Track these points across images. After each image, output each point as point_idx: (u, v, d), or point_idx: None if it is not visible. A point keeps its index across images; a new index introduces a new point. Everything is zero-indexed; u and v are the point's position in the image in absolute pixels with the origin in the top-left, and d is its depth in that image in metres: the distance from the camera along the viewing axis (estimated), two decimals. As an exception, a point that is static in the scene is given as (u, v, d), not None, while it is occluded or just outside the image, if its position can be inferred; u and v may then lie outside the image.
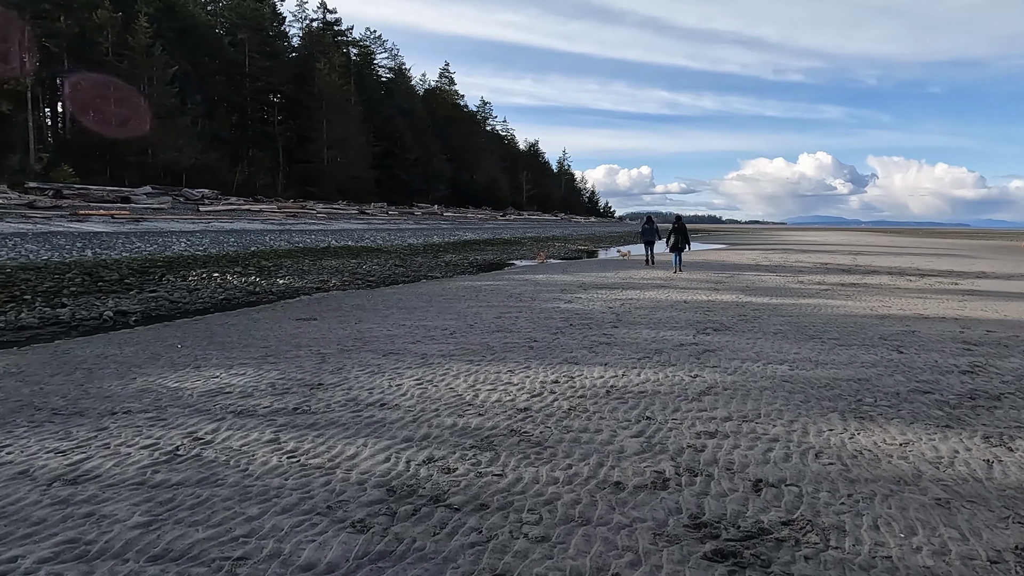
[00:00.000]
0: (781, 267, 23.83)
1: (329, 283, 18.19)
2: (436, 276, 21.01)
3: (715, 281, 17.59)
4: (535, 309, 11.74)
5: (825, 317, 11.05)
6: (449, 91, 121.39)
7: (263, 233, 33.48)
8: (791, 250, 39.61)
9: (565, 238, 54.32)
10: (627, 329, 9.59)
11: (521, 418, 5.27)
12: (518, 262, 29.60)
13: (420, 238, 40.16)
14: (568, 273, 20.26)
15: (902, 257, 32.82)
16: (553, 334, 9.14)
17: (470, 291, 14.96)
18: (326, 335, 9.06)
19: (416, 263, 25.89)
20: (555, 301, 12.92)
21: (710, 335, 9.16)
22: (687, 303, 12.78)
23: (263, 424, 5.05)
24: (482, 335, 9.04)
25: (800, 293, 14.80)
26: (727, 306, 12.39)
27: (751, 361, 7.47)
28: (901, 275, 20.52)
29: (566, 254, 36.75)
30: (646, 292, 14.70)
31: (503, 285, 16.35)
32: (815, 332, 9.49)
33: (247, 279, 17.96)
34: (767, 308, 12.13)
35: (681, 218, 22.32)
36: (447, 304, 12.50)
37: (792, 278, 18.78)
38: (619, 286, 16.04)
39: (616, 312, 11.39)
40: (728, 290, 15.34)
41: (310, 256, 25.62)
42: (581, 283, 16.75)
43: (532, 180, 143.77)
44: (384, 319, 10.59)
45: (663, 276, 19.06)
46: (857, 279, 18.74)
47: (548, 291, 14.80)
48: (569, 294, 14.18)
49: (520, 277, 18.80)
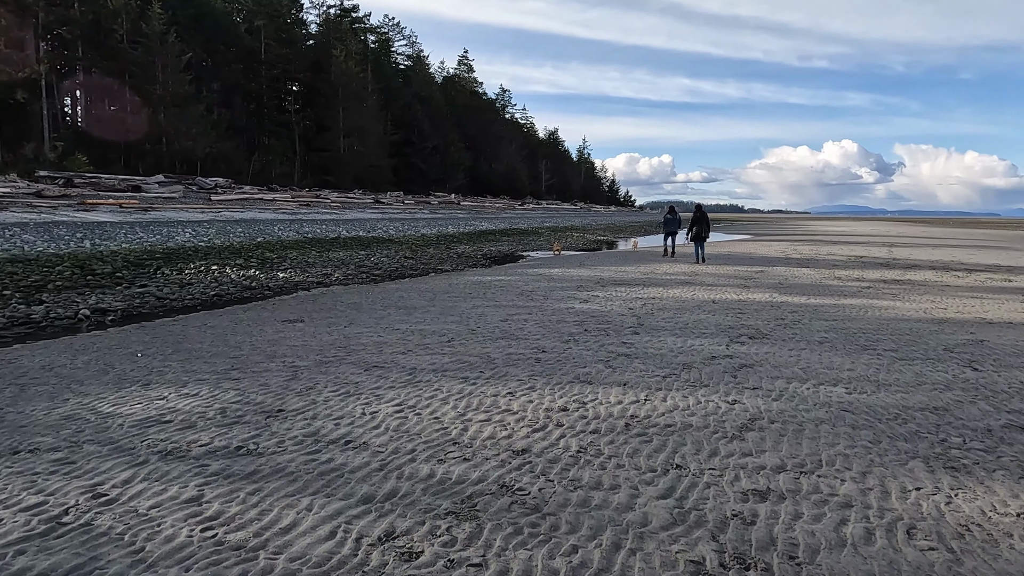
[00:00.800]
0: (814, 260, 22.40)
1: (332, 277, 17.22)
2: (446, 269, 19.95)
3: (744, 277, 16.31)
4: (546, 310, 10.60)
5: (874, 322, 9.78)
6: (468, 79, 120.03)
7: (273, 223, 32.67)
8: (820, 242, 37.94)
9: (584, 228, 52.96)
10: (649, 336, 8.43)
11: (517, 465, 4.17)
12: (534, 254, 28.44)
13: (435, 228, 39.13)
14: (585, 267, 19.08)
15: (940, 249, 31.10)
16: (565, 342, 8.01)
17: (478, 288, 13.86)
18: (308, 342, 8.03)
19: (427, 255, 24.86)
20: (569, 300, 11.77)
21: (745, 344, 7.96)
22: (716, 303, 11.56)
23: (191, 472, 4.00)
24: (484, 343, 7.93)
25: (840, 292, 13.49)
26: (761, 307, 11.15)
27: (798, 381, 6.28)
28: (946, 270, 19.03)
29: (584, 245, 35.50)
30: (670, 290, 13.49)
31: (515, 281, 15.23)
32: (867, 341, 8.25)
33: (246, 272, 17.05)
34: (806, 310, 10.87)
35: (702, 207, 21.60)
36: (451, 303, 11.42)
37: (828, 273, 17.41)
38: (640, 282, 14.84)
39: (637, 314, 10.22)
40: (760, 287, 14.07)
41: (318, 247, 24.70)
42: (599, 279, 15.57)
43: (551, 169, 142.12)
44: (378, 321, 9.53)
45: (687, 271, 17.80)
46: (899, 275, 17.32)
47: (562, 288, 13.65)
48: (585, 292, 13.02)
49: (534, 271, 17.66)
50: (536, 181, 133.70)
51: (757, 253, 26.42)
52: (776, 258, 23.48)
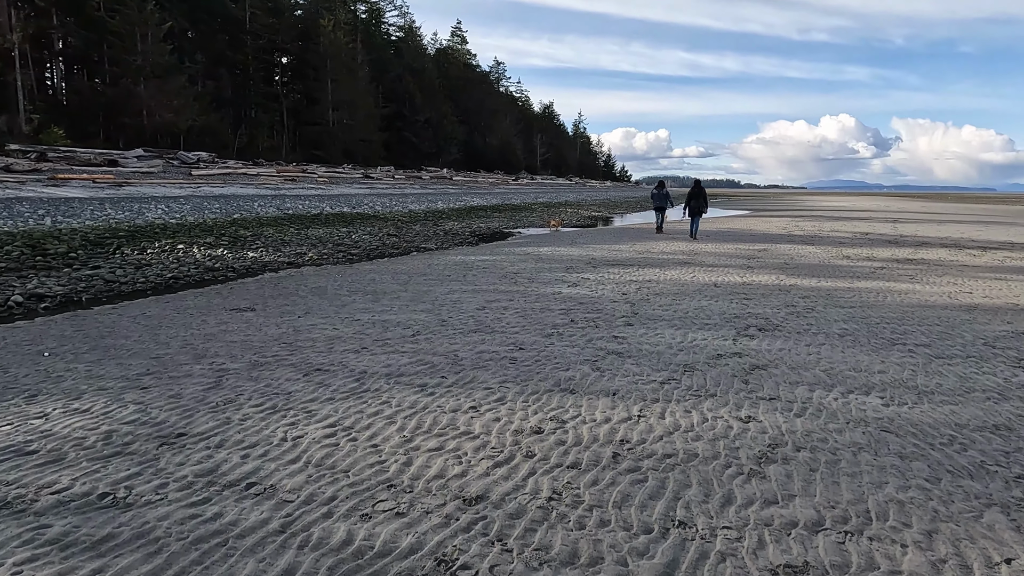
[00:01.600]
0: (817, 237, 21.32)
1: (305, 256, 16.07)
2: (429, 248, 18.81)
3: (747, 256, 15.23)
4: (530, 296, 9.52)
5: (897, 309, 8.73)
6: (461, 51, 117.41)
7: (254, 199, 31.36)
8: (821, 217, 36.82)
9: (578, 204, 51.66)
10: (644, 328, 7.36)
11: (465, 523, 3.12)
12: (525, 230, 27.28)
13: (423, 204, 37.85)
14: (577, 245, 17.96)
15: (946, 225, 30.04)
16: (547, 336, 6.94)
17: (459, 268, 12.76)
18: (250, 336, 6.94)
19: (412, 232, 23.69)
20: (557, 284, 10.68)
21: (755, 339, 6.91)
22: (718, 287, 10.49)
23: (16, 541, 2.94)
24: (453, 338, 6.86)
25: (852, 273, 12.43)
26: (768, 291, 10.09)
27: (823, 388, 5.24)
28: (958, 248, 17.99)
29: (578, 221, 34.31)
30: (667, 271, 12.41)
31: (499, 261, 14.13)
32: (894, 334, 7.20)
33: (213, 252, 15.89)
34: (819, 295, 9.81)
35: (700, 182, 20.87)
36: (426, 287, 10.32)
37: (835, 252, 16.34)
38: (635, 262, 13.75)
39: (631, 300, 9.14)
40: (764, 268, 13.00)
41: (297, 224, 23.50)
42: (590, 258, 14.47)
43: (547, 143, 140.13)
44: (339, 310, 8.44)
45: (685, 249, 16.71)
46: (910, 253, 16.27)
47: (550, 269, 12.55)
48: (575, 273, 11.92)
49: (522, 250, 16.55)
50: (531, 156, 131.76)
51: (758, 230, 25.31)
52: (778, 235, 22.39)
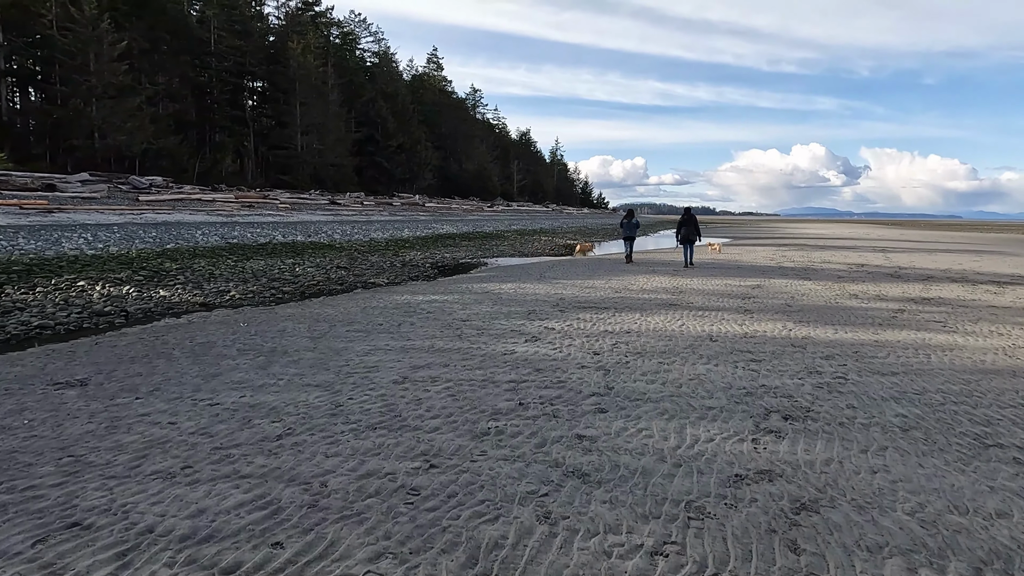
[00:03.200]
0: (811, 270, 19.41)
1: (226, 296, 13.68)
2: (378, 283, 16.50)
3: (740, 295, 13.15)
4: (473, 358, 7.25)
5: (953, 376, 6.61)
6: (437, 77, 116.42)
7: (200, 226, 28.83)
8: (806, 246, 35.21)
9: (553, 231, 49.70)
10: (623, 419, 5.13)
11: None
12: (494, 260, 25.11)
13: (388, 232, 35.57)
14: (545, 280, 15.77)
15: (938, 255, 28.48)
16: (479, 438, 4.67)
17: (399, 313, 10.46)
18: (31, 441, 4.57)
19: (366, 264, 21.38)
20: (512, 338, 8.44)
21: (784, 436, 4.71)
22: (714, 340, 8.33)
23: None
24: (336, 443, 4.56)
25: (870, 318, 10.36)
26: (778, 347, 7.95)
27: (932, 557, 3.03)
28: (969, 283, 16.14)
29: (551, 251, 32.24)
30: (650, 317, 10.24)
31: (451, 302, 11.86)
32: (976, 424, 5.06)
33: (118, 290, 13.43)
34: (844, 353, 7.68)
35: (691, 210, 20.76)
36: (342, 344, 8.01)
37: (838, 289, 14.35)
38: (611, 304, 11.57)
39: (604, 365, 6.92)
40: (765, 312, 10.90)
41: (238, 255, 21.07)
42: (559, 299, 12.27)
43: (524, 170, 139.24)
44: (203, 384, 6.09)
45: (668, 286, 14.60)
46: (922, 290, 14.34)
47: (508, 315, 10.31)
48: (537, 321, 9.70)
49: (482, 287, 14.31)
50: (508, 182, 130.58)
51: (744, 261, 23.40)
52: (768, 267, 20.45)
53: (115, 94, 48.40)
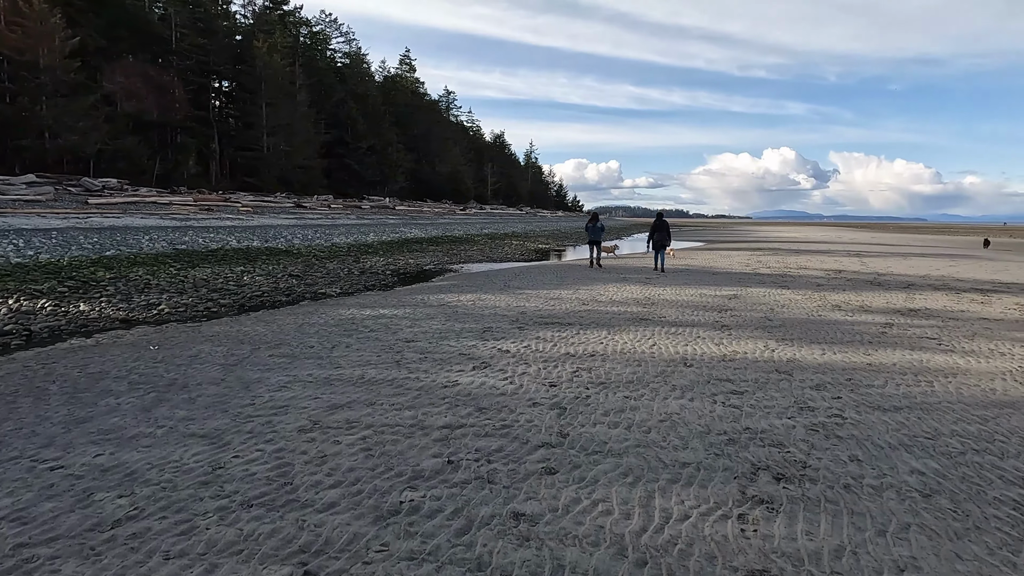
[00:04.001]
0: (788, 277, 18.61)
1: (155, 310, 12.37)
2: (329, 294, 15.27)
3: (716, 307, 12.20)
4: (408, 390, 6.14)
5: (967, 413, 5.66)
6: (409, 78, 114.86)
7: (149, 231, 27.23)
8: (780, 251, 34.66)
9: (525, 235, 48.67)
10: (576, 481, 4.06)
11: None
12: (461, 267, 23.99)
13: (353, 236, 34.20)
14: (509, 290, 14.69)
15: (913, 260, 28.03)
16: (383, 522, 3.56)
17: (338, 332, 9.29)
18: None
19: (322, 272, 20.12)
20: (458, 364, 7.33)
21: (777, 510, 3.68)
22: (689, 364, 7.32)
23: None
24: (184, 541, 3.40)
25: (857, 334, 9.46)
26: (762, 374, 6.95)
27: None
28: (952, 291, 15.43)
29: (520, 256, 31.21)
30: (617, 335, 9.20)
31: (400, 318, 10.71)
32: (1009, 481, 4.10)
33: (33, 304, 12.04)
34: (836, 381, 6.71)
35: (663, 214, 20.62)
36: (257, 375, 6.84)
37: (819, 299, 13.49)
38: (576, 320, 10.52)
39: (560, 402, 5.84)
40: (744, 328, 9.94)
41: (183, 262, 19.66)
42: (520, 312, 11.20)
43: (498, 173, 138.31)
44: (59, 435, 4.88)
45: (639, 296, 13.62)
46: (905, 300, 13.55)
47: (460, 334, 9.20)
48: (491, 341, 8.60)
49: (439, 298, 13.17)
50: (482, 185, 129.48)
51: (719, 267, 22.58)
52: (744, 274, 19.62)
53: (67, 92, 46.25)
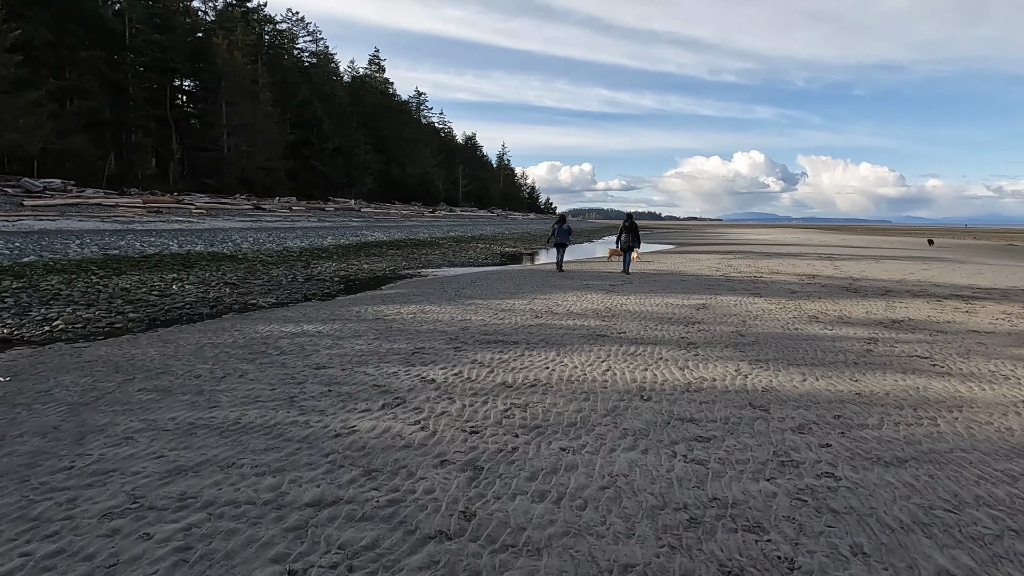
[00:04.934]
0: (760, 283, 17.59)
1: (50, 324, 10.81)
2: (261, 305, 13.79)
3: (683, 319, 11.02)
4: (285, 444, 4.78)
5: (995, 471, 4.49)
6: (378, 79, 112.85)
7: (82, 235, 25.32)
8: (751, 254, 33.87)
9: (493, 238, 47.35)
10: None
11: None
12: (419, 272, 22.60)
13: (309, 240, 32.57)
14: (459, 300, 13.36)
15: (885, 263, 27.36)
16: None
17: (240, 355, 7.88)
18: None
19: (263, 279, 18.59)
20: (366, 399, 5.99)
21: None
22: (648, 399, 6.09)
23: None
24: None
25: (840, 353, 8.33)
26: (735, 413, 5.74)
27: None
28: (932, 298, 14.52)
29: (483, 260, 29.90)
30: (568, 357, 7.95)
31: (324, 335, 9.33)
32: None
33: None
34: (825, 422, 5.52)
35: (632, 216, 20.51)
36: (111, 416, 5.43)
37: (794, 309, 12.41)
38: (523, 337, 9.24)
39: (478, 460, 4.53)
40: (713, 347, 8.75)
41: (109, 269, 17.97)
42: (462, 327, 9.89)
43: (470, 175, 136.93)
44: None
45: (600, 306, 12.39)
46: (886, 309, 12.54)
47: (384, 357, 7.85)
48: (418, 367, 7.27)
49: (376, 312, 11.79)
50: (453, 187, 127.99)
51: (688, 272, 21.53)
52: (714, 280, 18.57)
53: (7, 88, 43.74)
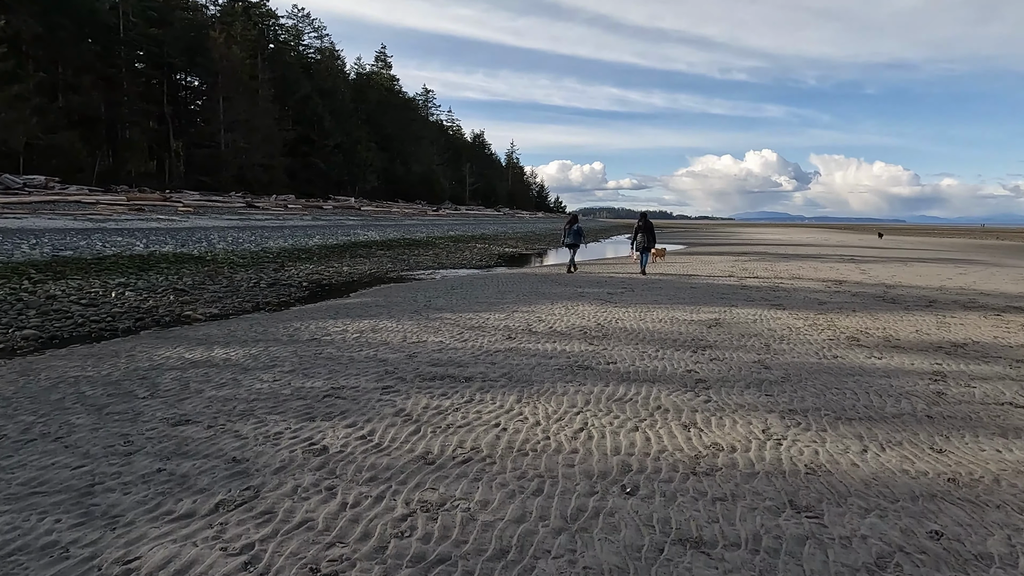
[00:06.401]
0: (780, 290, 15.44)
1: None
2: (196, 318, 11.80)
3: (692, 341, 8.93)
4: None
5: None
6: (384, 75, 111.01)
7: (42, 233, 23.52)
8: (766, 255, 31.63)
9: (495, 237, 45.29)
10: None
11: None
12: (403, 275, 20.60)
13: (295, 239, 30.65)
14: (422, 314, 11.30)
15: (914, 266, 25.07)
16: None
17: (97, 397, 5.88)
18: None
19: (222, 284, 16.65)
20: (201, 492, 3.97)
21: None
22: (632, 492, 4.02)
23: None
24: None
25: (903, 399, 6.21)
26: (768, 523, 3.68)
27: None
28: (987, 310, 12.33)
29: (479, 261, 27.87)
30: (532, 405, 5.87)
31: (233, 363, 7.31)
32: None
33: None
34: (920, 552, 3.45)
35: (647, 215, 20.10)
36: None
37: (826, 326, 10.28)
38: (481, 370, 7.18)
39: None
40: (732, 386, 6.65)
41: (52, 272, 16.09)
42: (409, 354, 7.84)
43: (477, 173, 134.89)
44: None
45: (591, 322, 10.30)
46: (937, 326, 10.37)
47: (280, 403, 5.81)
48: (314, 423, 5.22)
49: (320, 327, 9.78)
50: (460, 185, 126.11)
51: (699, 277, 19.40)
52: (727, 287, 16.43)
53: (-9, 81, 42.20)
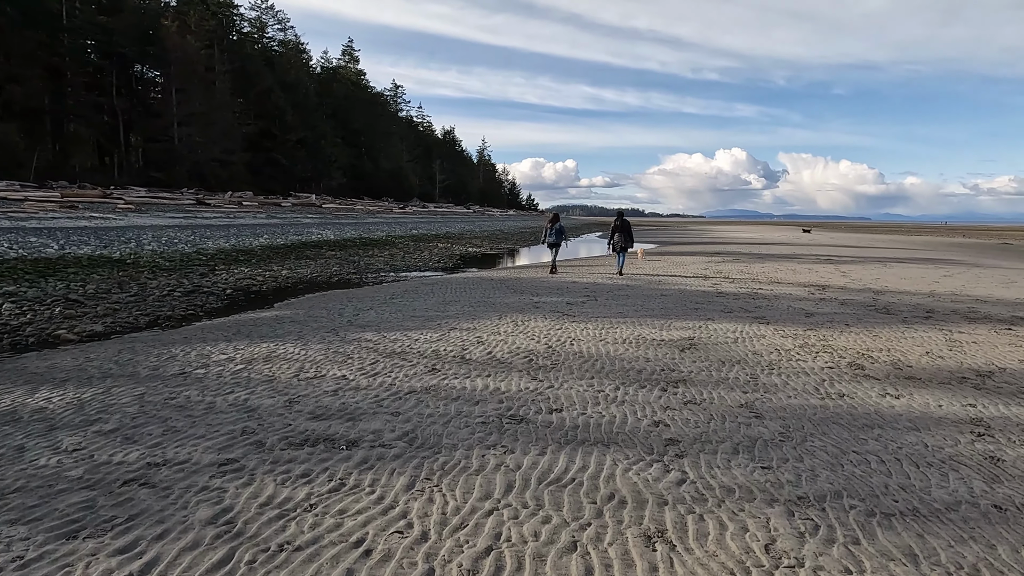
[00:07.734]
0: (760, 298, 13.85)
1: None
2: (67, 338, 9.75)
3: (661, 368, 7.18)
4: None
5: None
6: (351, 69, 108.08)
7: (-57, 234, 21.01)
8: (741, 256, 30.21)
9: (459, 236, 43.32)
10: None
11: None
12: (354, 279, 18.61)
13: (239, 239, 28.39)
14: (341, 333, 9.40)
15: (895, 267, 23.81)
16: None
17: None
18: None
19: (133, 290, 14.51)
20: None
21: None
22: None
23: None
24: None
25: (957, 469, 4.52)
26: None
27: None
28: (997, 323, 10.82)
29: (436, 263, 25.94)
30: (423, 499, 4.04)
31: (27, 422, 5.37)
32: None
33: None
34: None
35: (623, 214, 19.65)
36: None
37: (819, 346, 8.63)
38: (377, 426, 5.31)
39: None
40: (714, 454, 4.90)
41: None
42: (292, 398, 5.96)
43: (447, 170, 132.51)
44: None
45: (542, 345, 8.51)
46: (948, 345, 8.80)
47: (22, 545, 3.92)
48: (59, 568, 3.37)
49: (198, 356, 7.85)
50: (430, 183, 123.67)
51: (670, 280, 17.75)
52: (702, 295, 14.78)
53: (-86, 69, 39.09)
